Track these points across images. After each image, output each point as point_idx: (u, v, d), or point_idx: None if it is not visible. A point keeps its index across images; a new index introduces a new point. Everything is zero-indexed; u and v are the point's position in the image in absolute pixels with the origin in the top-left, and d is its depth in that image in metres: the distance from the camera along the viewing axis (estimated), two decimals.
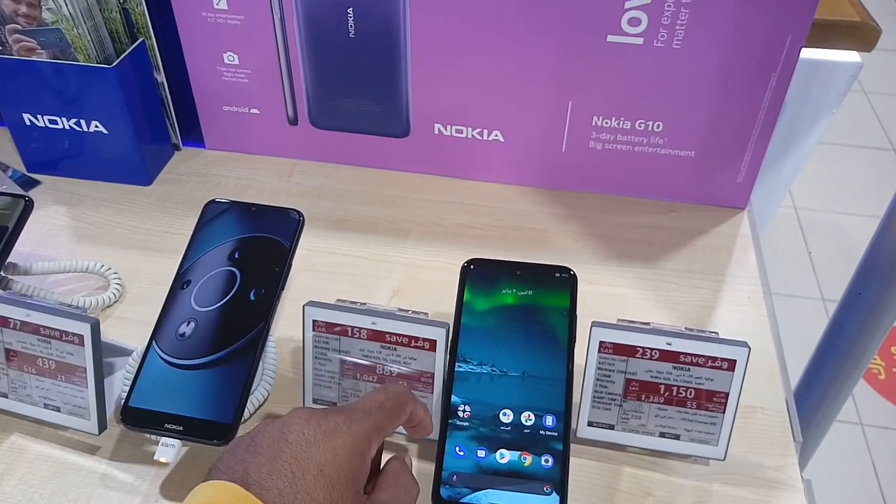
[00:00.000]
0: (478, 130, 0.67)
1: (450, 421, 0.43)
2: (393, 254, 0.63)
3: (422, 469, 0.47)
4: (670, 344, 0.45)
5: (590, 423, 0.47)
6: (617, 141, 0.65)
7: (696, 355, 0.45)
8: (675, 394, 0.46)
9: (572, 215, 0.67)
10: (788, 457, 0.49)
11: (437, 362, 0.46)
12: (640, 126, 0.63)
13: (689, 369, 0.45)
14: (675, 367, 0.45)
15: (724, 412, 0.45)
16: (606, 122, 0.64)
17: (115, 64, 0.62)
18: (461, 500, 0.41)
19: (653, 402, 0.46)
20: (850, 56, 0.75)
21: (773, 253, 1.76)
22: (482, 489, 0.41)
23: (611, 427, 0.47)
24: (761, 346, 0.56)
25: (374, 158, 0.71)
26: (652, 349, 0.45)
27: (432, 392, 0.47)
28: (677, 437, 0.46)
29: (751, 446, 0.49)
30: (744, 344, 0.44)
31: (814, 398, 0.71)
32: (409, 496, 0.38)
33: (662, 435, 0.47)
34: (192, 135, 0.74)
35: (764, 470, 0.48)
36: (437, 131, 0.67)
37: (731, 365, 0.44)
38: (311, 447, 0.34)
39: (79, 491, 0.46)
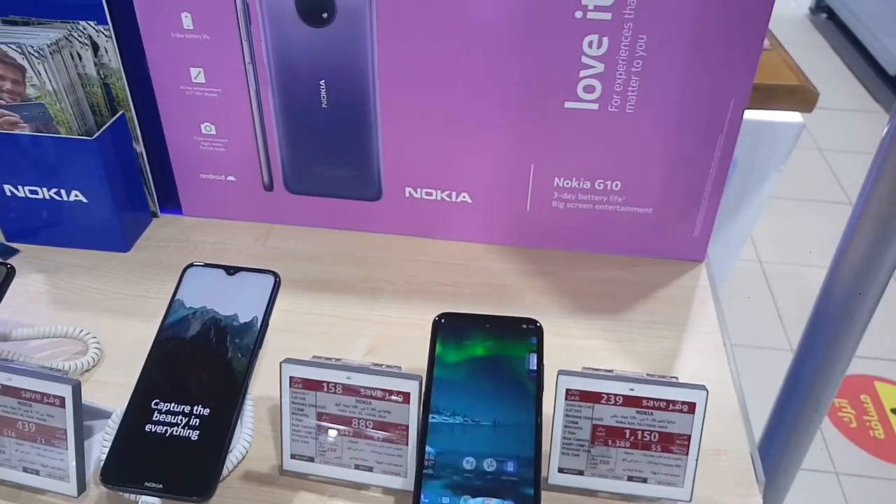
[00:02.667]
0: (446, 192, 0.70)
1: (425, 471, 0.45)
2: (366, 312, 0.65)
3: None
4: (633, 389, 0.47)
5: (560, 470, 0.49)
6: (578, 200, 0.68)
7: (657, 399, 0.47)
8: (640, 437, 0.48)
9: (539, 271, 0.69)
10: (752, 497, 0.51)
11: (411, 414, 0.48)
12: (600, 185, 0.67)
13: (651, 413, 0.47)
14: (638, 412, 0.47)
15: (687, 454, 0.47)
16: (567, 183, 0.67)
17: (95, 136, 0.65)
18: None
19: (619, 447, 0.48)
20: (793, 117, 0.80)
21: (739, 305, 1.81)
22: None
23: (580, 472, 0.49)
24: (723, 390, 0.59)
25: (348, 221, 0.73)
26: (616, 395, 0.47)
27: (407, 444, 0.48)
28: (644, 481, 0.48)
29: (716, 488, 0.51)
30: (702, 387, 0.47)
31: (779, 443, 0.73)
32: None
33: (630, 479, 0.48)
34: (170, 202, 0.76)
35: None
36: (407, 194, 0.70)
37: (692, 408, 0.47)
38: None
39: None
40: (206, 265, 0.54)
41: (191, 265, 0.54)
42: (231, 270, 0.54)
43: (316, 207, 0.73)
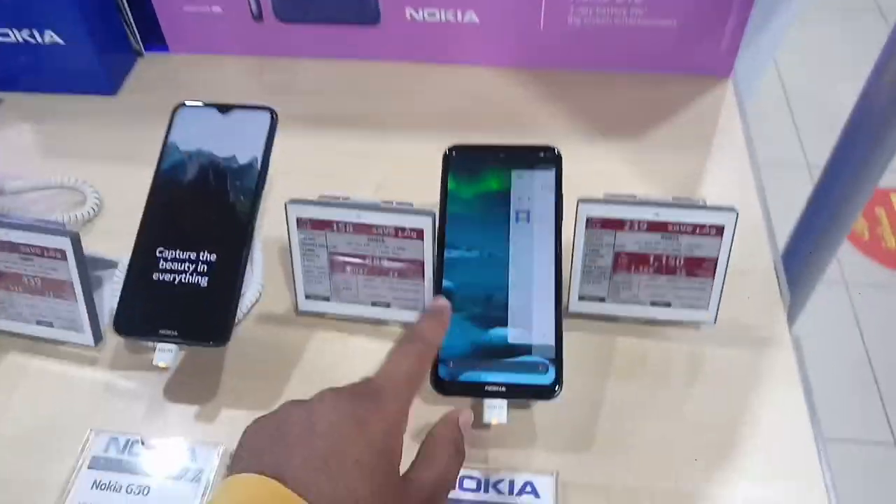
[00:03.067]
0: (451, 12, 0.64)
1: None
2: (373, 147, 0.62)
3: None
4: (658, 214, 0.45)
5: (581, 297, 0.48)
6: (596, 14, 0.62)
7: (684, 224, 0.45)
8: (664, 263, 0.46)
9: (554, 94, 0.65)
10: (777, 316, 0.50)
11: (426, 251, 0.46)
12: None
13: (677, 238, 0.45)
14: (663, 237, 0.45)
15: (713, 277, 0.46)
16: None
17: None
18: (459, 379, 0.42)
19: (643, 273, 0.46)
20: None
21: (757, 121, 1.75)
22: (479, 367, 0.42)
23: (602, 300, 0.48)
24: (749, 211, 0.56)
25: (346, 48, 0.68)
26: (640, 221, 0.45)
27: (423, 279, 0.47)
28: (668, 305, 0.47)
29: (740, 309, 0.50)
30: (731, 209, 0.44)
31: (800, 259, 0.72)
32: (452, 473, 0.37)
33: (654, 303, 0.47)
34: (155, 39, 0.71)
35: (754, 330, 0.49)
36: (408, 16, 0.65)
37: (720, 231, 0.44)
38: (343, 439, 0.32)
39: (84, 401, 0.47)
40: (198, 104, 0.50)
41: (181, 105, 0.50)
42: (224, 109, 0.50)
43: (311, 35, 0.68)
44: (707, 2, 0.60)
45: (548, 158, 0.46)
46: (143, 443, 0.43)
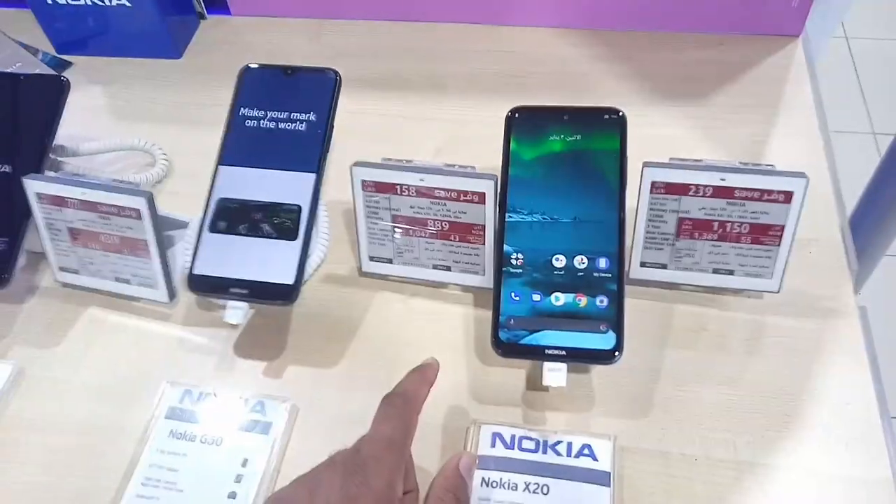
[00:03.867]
0: None
1: (504, 269, 0.44)
2: (433, 110, 0.62)
3: (480, 316, 0.49)
4: (724, 179, 0.44)
5: (642, 264, 0.47)
6: None
7: (751, 189, 0.44)
8: (729, 230, 0.45)
9: (616, 56, 0.64)
10: (844, 286, 0.49)
11: (487, 214, 0.46)
12: None
13: (744, 204, 0.44)
14: (729, 203, 0.44)
15: (779, 245, 0.45)
16: None
17: None
18: (520, 342, 0.43)
19: (706, 240, 0.46)
20: None
21: (822, 84, 1.69)
22: (539, 330, 0.43)
23: (664, 267, 0.47)
24: (817, 177, 0.54)
25: (405, 10, 0.68)
26: (705, 186, 0.44)
27: (484, 243, 0.47)
28: (731, 273, 0.47)
29: (806, 278, 0.49)
30: (801, 175, 0.43)
31: (868, 228, 0.70)
32: None
33: (716, 271, 0.47)
34: (216, 2, 0.72)
35: (819, 300, 0.48)
36: None
37: (788, 197, 0.44)
38: None
39: (159, 355, 0.49)
40: (263, 66, 0.51)
41: (247, 67, 0.51)
42: (289, 71, 0.50)
43: None
44: None
45: (612, 121, 0.46)
46: (215, 395, 0.45)
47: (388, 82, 0.65)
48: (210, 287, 0.46)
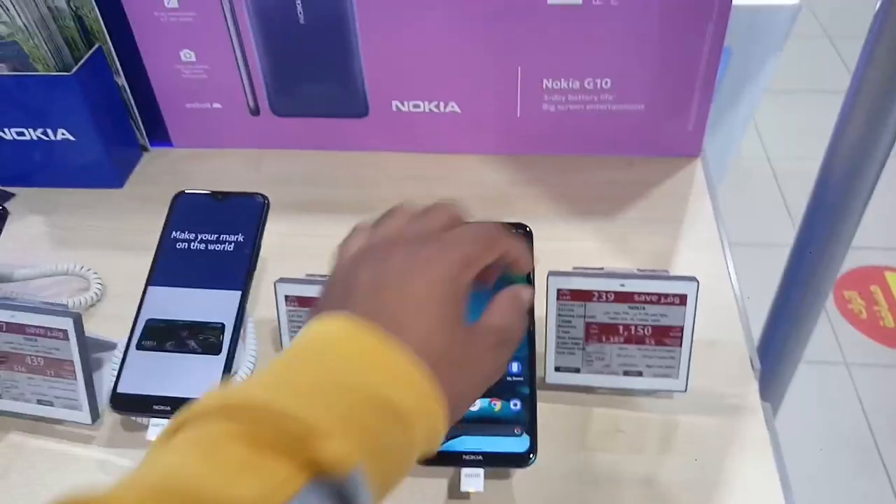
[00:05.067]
0: (434, 103, 0.69)
1: None
2: None
3: None
4: (623, 285, 0.47)
5: (557, 369, 0.50)
6: (568, 101, 0.67)
7: (648, 293, 0.47)
8: (633, 332, 0.48)
9: (532, 178, 0.69)
10: (749, 385, 0.52)
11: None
12: (589, 84, 0.66)
13: (643, 308, 0.47)
14: (630, 307, 0.48)
15: (680, 346, 0.48)
16: (556, 84, 0.66)
17: (74, 71, 0.64)
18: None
19: (613, 343, 0.49)
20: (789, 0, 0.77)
21: (749, 203, 1.80)
22: (456, 436, 0.44)
23: (577, 370, 0.50)
24: (719, 284, 0.59)
25: (338, 140, 0.73)
26: (607, 292, 0.47)
27: None
28: (640, 374, 0.49)
29: (712, 378, 0.52)
30: (692, 278, 0.47)
31: (780, 335, 0.74)
32: (517, 324, 0.38)
33: (626, 373, 0.49)
34: (159, 134, 0.76)
35: (726, 398, 0.51)
36: (395, 108, 0.69)
37: (683, 299, 0.47)
38: (413, 273, 0.33)
39: (80, 478, 0.48)
40: (196, 193, 0.54)
41: (180, 193, 0.54)
42: (220, 196, 0.54)
43: (305, 129, 0.72)
44: (671, 86, 0.65)
45: (520, 235, 0.49)
46: None
47: (320, 205, 0.68)
48: (133, 405, 0.47)
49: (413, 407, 0.30)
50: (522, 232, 0.49)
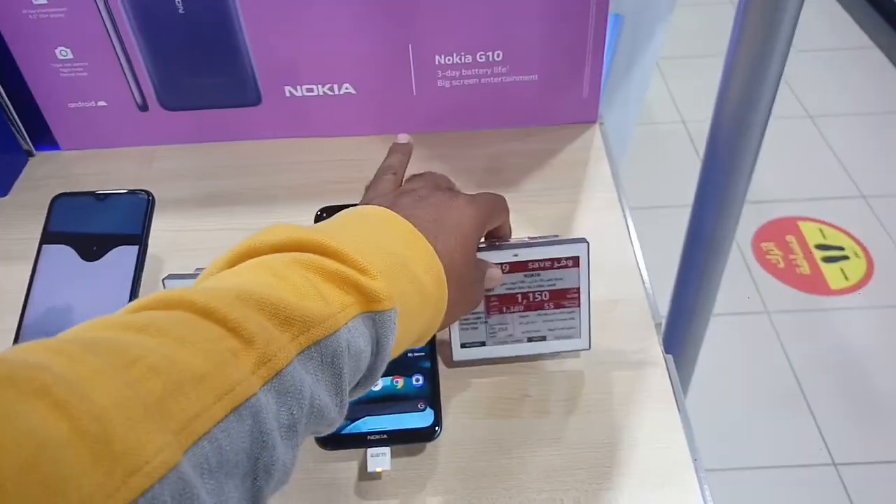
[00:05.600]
0: (328, 86, 0.68)
1: None
2: (262, 221, 0.63)
3: None
4: (517, 255, 0.47)
5: (463, 345, 0.50)
6: (463, 76, 0.67)
7: (542, 260, 0.47)
8: (532, 299, 0.49)
9: (432, 156, 0.69)
10: (650, 339, 0.53)
11: None
12: (482, 58, 0.65)
13: (538, 274, 0.48)
14: (526, 276, 0.48)
15: (579, 306, 0.49)
16: (449, 59, 0.65)
17: None
18: (341, 432, 0.43)
19: (514, 312, 0.49)
20: None
21: (667, 166, 1.84)
22: (360, 417, 0.43)
23: (482, 344, 0.50)
24: (620, 245, 0.60)
25: (233, 132, 0.71)
26: (501, 264, 0.48)
27: None
28: (544, 339, 0.50)
29: (615, 335, 0.53)
30: (582, 240, 0.47)
31: (689, 289, 0.76)
32: (482, 295, 0.46)
33: (530, 339, 0.50)
34: (45, 138, 0.72)
35: (629, 354, 0.52)
36: (288, 93, 0.68)
37: (576, 261, 0.48)
38: (449, 207, 0.40)
39: None
40: (74, 194, 0.52)
41: (58, 196, 0.52)
42: (101, 196, 0.51)
43: (198, 122, 0.70)
44: (563, 55, 0.65)
45: None
46: None
47: (217, 198, 0.66)
48: None
49: (432, 292, 0.36)
50: None
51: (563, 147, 0.69)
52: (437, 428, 0.43)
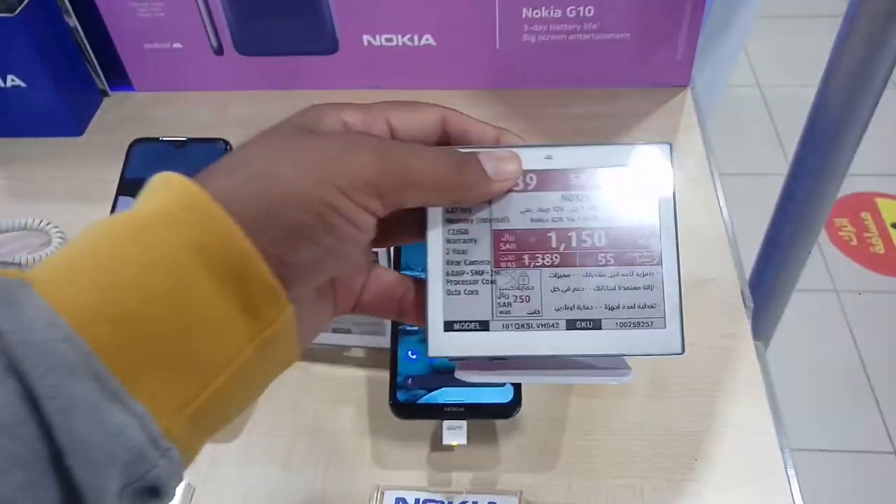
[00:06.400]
0: (408, 37, 0.65)
1: (400, 328, 0.44)
2: None
3: (381, 377, 0.48)
4: (550, 158, 0.29)
5: (448, 326, 0.28)
6: (550, 31, 0.63)
7: (594, 171, 0.29)
8: (576, 244, 0.29)
9: (513, 114, 0.65)
10: (740, 324, 0.50)
11: None
12: (572, 13, 0.62)
13: (587, 197, 0.29)
14: (566, 198, 0.29)
15: (660, 264, 0.28)
16: (536, 13, 0.62)
17: (17, 11, 0.59)
18: (418, 402, 0.42)
19: (545, 266, 0.28)
20: None
21: (741, 133, 1.76)
22: (437, 388, 0.42)
23: (483, 326, 0.28)
24: (710, 220, 0.56)
25: (308, 80, 0.69)
26: (527, 173, 0.29)
27: None
28: (598, 324, 0.28)
29: (702, 317, 0.50)
30: (663, 144, 0.29)
31: (773, 267, 0.72)
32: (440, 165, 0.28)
33: (573, 324, 0.28)
34: (120, 79, 0.71)
35: (717, 339, 0.49)
36: (366, 43, 0.65)
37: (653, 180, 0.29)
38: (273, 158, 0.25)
39: None
40: (152, 140, 0.51)
41: (136, 141, 0.51)
42: (179, 143, 0.50)
43: (273, 68, 0.68)
44: (659, 13, 0.61)
45: None
46: None
47: None
48: None
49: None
50: None
51: (653, 112, 0.65)
52: (517, 406, 0.42)
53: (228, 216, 0.23)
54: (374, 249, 0.32)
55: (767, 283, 0.74)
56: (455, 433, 0.41)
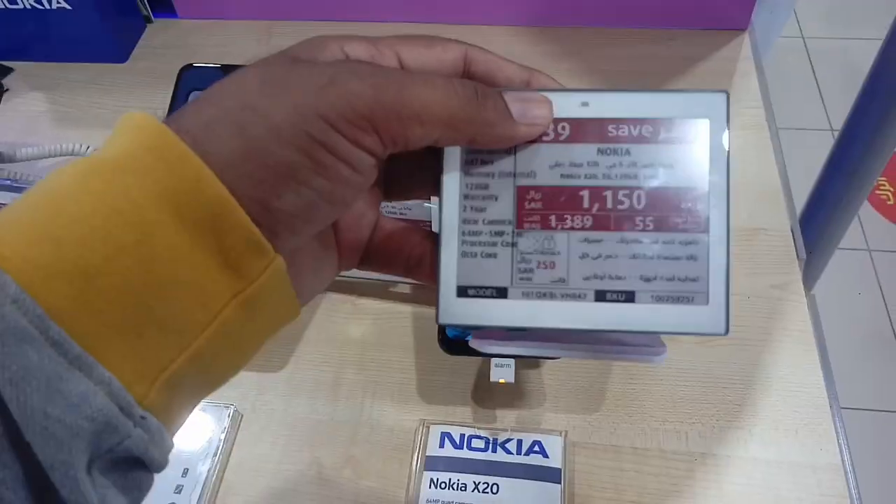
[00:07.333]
0: None
1: None
2: None
3: (428, 314, 0.48)
4: (587, 104, 0.25)
5: (461, 291, 0.25)
6: None
7: (634, 122, 0.25)
8: (611, 205, 0.25)
9: (565, 52, 0.64)
10: (792, 275, 0.49)
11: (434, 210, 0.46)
12: None
13: (627, 152, 0.25)
14: (602, 152, 0.25)
15: (706, 231, 0.24)
16: None
17: None
18: (466, 339, 0.42)
19: (575, 229, 0.25)
20: None
21: (780, 83, 1.71)
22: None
23: (502, 293, 0.25)
24: (764, 168, 0.55)
25: (353, 11, 0.67)
26: (557, 122, 0.25)
27: None
28: (632, 296, 0.24)
29: (754, 266, 0.49)
30: (718, 92, 0.25)
31: (819, 222, 0.71)
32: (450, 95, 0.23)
33: (602, 295, 0.25)
34: (163, 5, 0.70)
35: (770, 290, 0.48)
36: None
37: (702, 134, 0.25)
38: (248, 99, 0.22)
39: None
40: (204, 66, 0.50)
41: (187, 67, 0.50)
42: (229, 70, 0.49)
43: None
44: None
45: None
46: None
47: None
48: None
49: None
50: None
51: (710, 55, 0.63)
52: None
53: (199, 158, 0.20)
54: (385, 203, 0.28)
55: (812, 238, 0.73)
56: (503, 370, 0.42)
